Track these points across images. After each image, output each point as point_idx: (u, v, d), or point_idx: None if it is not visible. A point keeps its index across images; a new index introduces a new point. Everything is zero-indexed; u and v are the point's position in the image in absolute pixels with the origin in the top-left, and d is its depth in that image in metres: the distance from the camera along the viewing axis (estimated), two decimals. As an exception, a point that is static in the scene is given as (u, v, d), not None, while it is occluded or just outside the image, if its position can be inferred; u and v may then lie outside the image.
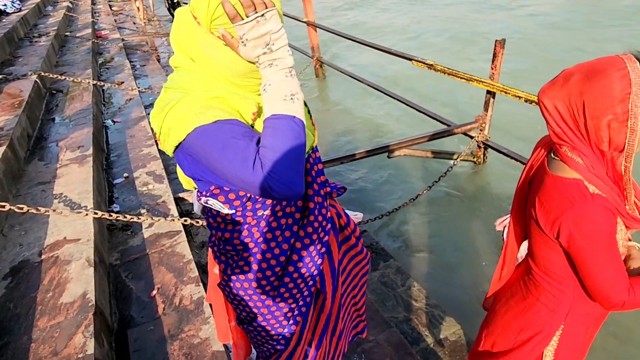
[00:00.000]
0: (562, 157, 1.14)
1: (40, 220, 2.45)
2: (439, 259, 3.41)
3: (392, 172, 4.73)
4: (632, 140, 1.02)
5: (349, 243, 1.41)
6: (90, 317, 1.81)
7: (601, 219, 1.09)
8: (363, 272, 1.50)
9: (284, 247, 1.16)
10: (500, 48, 3.65)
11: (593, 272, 1.15)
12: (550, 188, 1.16)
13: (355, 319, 1.61)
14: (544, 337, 1.37)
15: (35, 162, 3.17)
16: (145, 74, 6.35)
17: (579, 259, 1.15)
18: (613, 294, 1.15)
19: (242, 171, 0.90)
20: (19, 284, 2.03)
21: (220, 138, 0.91)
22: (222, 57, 0.93)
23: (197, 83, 0.98)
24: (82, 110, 4.03)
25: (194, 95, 0.96)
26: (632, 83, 0.97)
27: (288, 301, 1.23)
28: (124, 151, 3.63)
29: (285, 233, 1.15)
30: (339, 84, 7.35)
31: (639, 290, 1.15)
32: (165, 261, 2.36)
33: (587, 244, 1.11)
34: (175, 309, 2.06)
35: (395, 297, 2.71)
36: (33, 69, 4.60)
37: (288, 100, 0.92)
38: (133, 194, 3.00)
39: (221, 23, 0.90)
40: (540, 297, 1.34)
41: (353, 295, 1.52)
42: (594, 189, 1.09)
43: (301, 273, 1.20)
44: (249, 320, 1.28)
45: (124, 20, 10.88)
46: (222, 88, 0.98)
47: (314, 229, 1.19)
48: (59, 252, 2.20)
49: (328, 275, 1.31)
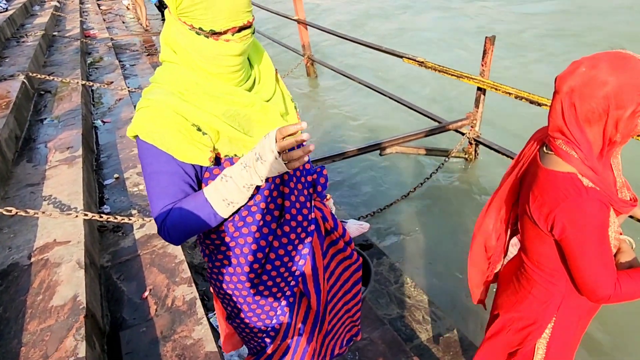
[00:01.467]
0: (556, 151, 1.15)
1: (30, 222, 2.42)
2: (431, 255, 3.42)
3: (384, 169, 4.74)
4: None
5: (337, 247, 1.37)
6: (81, 320, 1.79)
7: (595, 212, 1.10)
8: (354, 278, 1.47)
9: (261, 244, 1.15)
10: (490, 45, 3.66)
11: (582, 264, 1.16)
12: (544, 182, 1.17)
13: (349, 324, 1.60)
14: (537, 328, 1.38)
15: (24, 163, 3.13)
16: (135, 74, 6.30)
17: (570, 251, 1.17)
18: (600, 287, 1.16)
19: (152, 205, 1.02)
20: (8, 287, 2.00)
21: (150, 164, 0.99)
22: (188, 42, 0.95)
23: (173, 77, 0.99)
24: (71, 111, 3.99)
25: (158, 101, 0.96)
26: None
27: (268, 299, 1.22)
28: (114, 152, 3.60)
29: (263, 229, 1.14)
30: (330, 82, 7.35)
31: (626, 284, 1.16)
32: (157, 262, 2.34)
33: (579, 236, 1.13)
34: (167, 310, 2.04)
35: (388, 295, 2.71)
36: (20, 69, 4.54)
37: (226, 203, 0.99)
38: (124, 195, 2.97)
39: (186, 11, 0.91)
40: (533, 290, 1.35)
41: (345, 302, 1.50)
42: (587, 182, 1.11)
43: (280, 272, 1.19)
44: (234, 315, 1.28)
45: (112, 20, 10.78)
46: (197, 84, 0.98)
47: (291, 228, 1.17)
48: (48, 255, 2.17)
49: (310, 277, 1.29)
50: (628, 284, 1.16)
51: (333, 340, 1.54)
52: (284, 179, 1.14)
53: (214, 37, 0.93)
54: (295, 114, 1.18)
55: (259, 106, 1.04)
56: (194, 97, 0.97)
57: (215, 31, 0.92)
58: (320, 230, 1.30)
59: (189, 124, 0.96)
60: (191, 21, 0.92)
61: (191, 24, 0.92)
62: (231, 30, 0.93)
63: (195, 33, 0.93)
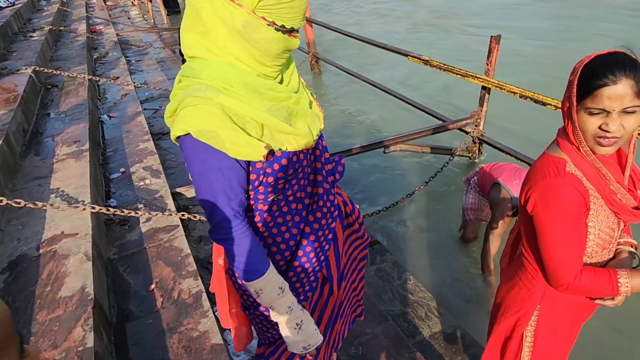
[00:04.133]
0: (558, 138, 1.20)
1: (38, 214, 2.45)
2: (434, 253, 3.43)
3: (389, 167, 4.75)
4: (574, 128, 1.13)
5: (352, 228, 1.45)
6: (89, 311, 1.81)
7: (565, 195, 1.13)
8: (362, 255, 1.54)
9: (293, 232, 1.19)
10: (495, 44, 3.67)
11: (547, 245, 1.19)
12: (537, 164, 1.23)
13: (355, 303, 1.64)
14: (523, 315, 1.40)
15: (32, 156, 3.16)
16: (140, 69, 6.32)
17: (538, 230, 1.20)
18: (560, 272, 1.19)
19: (206, 209, 1.05)
20: (17, 278, 2.03)
21: (205, 161, 0.99)
22: (262, 37, 0.95)
23: (216, 74, 0.98)
24: (78, 105, 4.02)
25: (208, 98, 0.95)
26: (575, 71, 1.09)
27: (295, 285, 1.25)
28: (121, 146, 3.63)
29: (295, 218, 1.19)
30: (334, 80, 7.35)
31: (587, 278, 1.18)
32: (163, 255, 2.37)
33: (546, 215, 1.16)
34: (173, 303, 2.07)
35: (391, 291, 2.73)
36: (28, 64, 4.57)
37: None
38: (130, 189, 3.00)
39: (269, 9, 0.93)
40: (522, 277, 1.39)
41: (352, 280, 1.55)
42: (573, 169, 1.14)
43: (309, 258, 1.23)
44: (255, 306, 1.29)
45: (118, 15, 10.80)
46: (242, 81, 0.98)
47: (322, 214, 1.22)
48: (56, 247, 2.20)
49: (333, 261, 1.34)
50: (590, 279, 1.18)
51: (343, 325, 1.57)
52: (317, 167, 1.20)
53: (290, 35, 0.99)
54: (316, 103, 1.22)
55: (295, 98, 1.09)
56: (239, 93, 0.98)
57: (294, 28, 0.98)
58: (342, 215, 1.36)
59: (240, 119, 0.97)
60: (273, 17, 0.94)
61: (272, 20, 0.94)
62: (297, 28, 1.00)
63: (274, 29, 0.95)
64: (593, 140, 1.10)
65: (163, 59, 7.26)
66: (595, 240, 1.21)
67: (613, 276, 1.17)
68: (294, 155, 1.08)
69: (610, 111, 1.04)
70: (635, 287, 1.16)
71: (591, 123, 1.07)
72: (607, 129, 1.05)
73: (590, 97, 1.05)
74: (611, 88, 1.01)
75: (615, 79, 1.01)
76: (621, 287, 1.16)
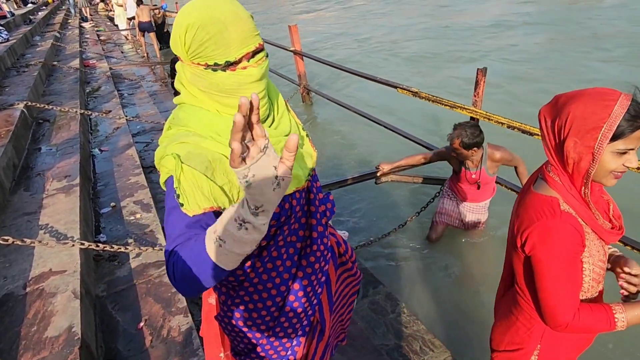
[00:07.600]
0: (545, 175, 1.21)
1: (26, 251, 2.41)
2: (428, 283, 3.41)
3: (380, 197, 4.76)
4: (592, 168, 1.09)
5: (345, 267, 1.43)
6: (75, 352, 1.77)
7: (564, 235, 1.13)
8: (353, 291, 1.52)
9: (284, 277, 1.15)
10: (482, 76, 3.76)
11: (545, 285, 1.18)
12: (528, 204, 1.23)
13: (339, 331, 1.61)
14: (524, 354, 1.39)
15: (21, 192, 3.13)
16: (133, 102, 6.37)
17: (536, 271, 1.20)
18: (558, 312, 1.18)
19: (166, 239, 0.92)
20: (3, 318, 1.98)
21: (171, 200, 0.93)
22: (209, 82, 0.95)
23: (203, 122, 0.98)
24: (69, 140, 4.02)
25: (190, 142, 0.94)
26: (610, 115, 1.02)
27: (287, 331, 1.22)
28: (111, 180, 3.62)
29: (287, 262, 1.14)
30: (325, 111, 7.45)
31: (585, 316, 1.18)
32: (152, 292, 2.33)
33: (546, 256, 1.16)
34: (163, 341, 2.02)
35: (385, 324, 2.70)
36: (20, 99, 4.59)
37: None
38: (120, 224, 2.97)
39: (197, 53, 0.92)
40: (519, 316, 1.38)
41: (341, 314, 1.53)
42: (566, 207, 1.15)
43: (302, 302, 1.19)
44: (247, 351, 1.26)
45: (111, 50, 10.95)
46: (228, 128, 0.97)
47: (316, 258, 1.18)
48: (44, 285, 2.16)
49: (326, 304, 1.31)
50: (587, 317, 1.18)
51: (328, 354, 1.54)
52: (312, 211, 1.16)
53: (231, 69, 0.93)
54: (309, 143, 1.20)
55: (284, 142, 1.03)
56: (226, 140, 0.95)
57: (230, 62, 0.92)
58: (335, 256, 1.34)
59: (224, 166, 0.94)
60: (204, 60, 0.92)
61: (205, 63, 0.93)
62: (245, 56, 0.94)
63: (212, 70, 0.93)
64: (609, 175, 1.10)
65: (155, 92, 7.33)
66: (590, 275, 1.22)
67: (609, 312, 1.18)
68: (286, 202, 1.05)
69: (634, 148, 1.07)
70: (631, 320, 1.17)
71: (615, 161, 1.08)
72: (630, 165, 1.08)
73: (624, 138, 1.05)
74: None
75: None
76: (618, 322, 1.17)
